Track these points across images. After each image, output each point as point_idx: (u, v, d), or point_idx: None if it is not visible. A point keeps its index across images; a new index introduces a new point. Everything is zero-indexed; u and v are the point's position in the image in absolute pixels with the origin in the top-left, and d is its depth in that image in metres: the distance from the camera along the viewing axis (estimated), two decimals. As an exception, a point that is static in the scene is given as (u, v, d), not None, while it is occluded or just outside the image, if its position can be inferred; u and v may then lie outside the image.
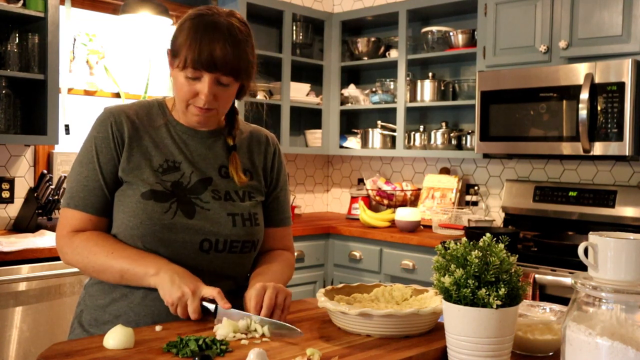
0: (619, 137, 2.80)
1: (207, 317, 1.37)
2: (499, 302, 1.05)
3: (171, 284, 1.36)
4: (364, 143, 4.15)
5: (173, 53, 1.48)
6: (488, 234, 1.13)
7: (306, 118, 4.41)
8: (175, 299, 1.35)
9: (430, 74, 3.87)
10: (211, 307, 1.37)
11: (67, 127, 3.28)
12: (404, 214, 3.55)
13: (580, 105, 2.87)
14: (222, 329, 1.28)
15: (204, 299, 1.37)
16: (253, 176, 1.61)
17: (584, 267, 1.02)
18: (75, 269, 2.38)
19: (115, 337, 1.20)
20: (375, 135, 4.09)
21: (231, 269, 1.53)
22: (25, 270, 2.58)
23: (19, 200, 3.18)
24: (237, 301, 1.45)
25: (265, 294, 1.39)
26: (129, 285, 1.46)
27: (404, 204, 3.93)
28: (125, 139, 1.50)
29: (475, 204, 3.79)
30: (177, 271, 1.40)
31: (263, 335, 1.29)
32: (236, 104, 1.63)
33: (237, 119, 1.62)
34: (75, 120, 3.39)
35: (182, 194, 1.48)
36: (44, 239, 2.80)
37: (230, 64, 1.43)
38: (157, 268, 1.40)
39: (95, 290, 1.52)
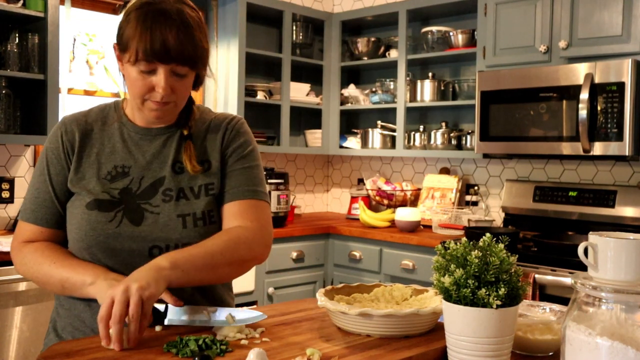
0: (619, 137, 2.80)
1: (156, 323, 1.28)
2: (499, 302, 1.05)
3: (110, 290, 1.24)
4: (364, 143, 4.15)
5: (121, 47, 1.38)
6: (488, 234, 1.13)
7: (306, 118, 4.41)
8: None
9: (430, 74, 3.87)
10: (161, 307, 1.29)
11: (67, 127, 3.28)
12: (404, 214, 3.55)
13: (580, 105, 2.87)
14: (222, 329, 1.28)
15: None
16: (211, 164, 1.49)
17: (584, 267, 1.02)
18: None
19: (115, 337, 1.20)
20: (375, 135, 4.09)
21: None
22: (25, 270, 2.58)
23: (19, 200, 3.18)
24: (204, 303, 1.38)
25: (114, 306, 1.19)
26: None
27: (403, 204, 3.93)
28: (75, 149, 1.46)
29: (475, 204, 3.79)
30: (115, 278, 1.33)
31: (259, 335, 1.29)
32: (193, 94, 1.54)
33: (194, 109, 1.52)
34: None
35: (131, 200, 1.42)
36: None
37: (186, 53, 1.35)
38: (95, 277, 1.34)
39: (63, 298, 1.46)
